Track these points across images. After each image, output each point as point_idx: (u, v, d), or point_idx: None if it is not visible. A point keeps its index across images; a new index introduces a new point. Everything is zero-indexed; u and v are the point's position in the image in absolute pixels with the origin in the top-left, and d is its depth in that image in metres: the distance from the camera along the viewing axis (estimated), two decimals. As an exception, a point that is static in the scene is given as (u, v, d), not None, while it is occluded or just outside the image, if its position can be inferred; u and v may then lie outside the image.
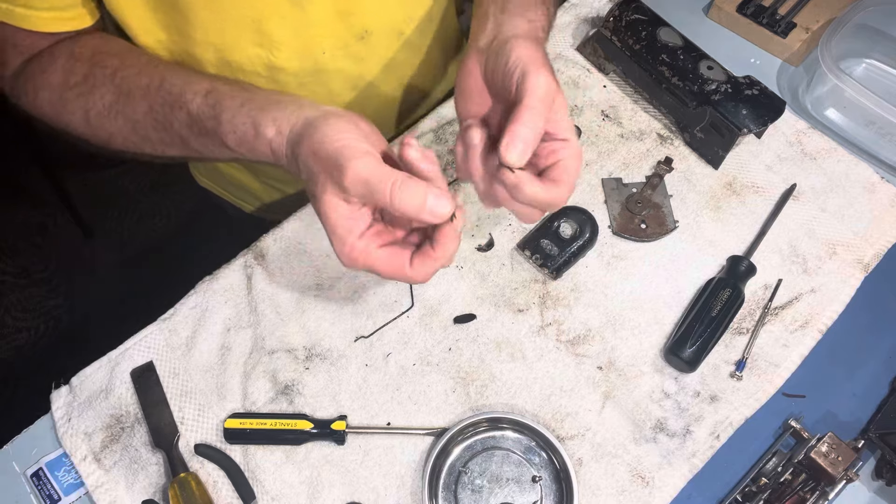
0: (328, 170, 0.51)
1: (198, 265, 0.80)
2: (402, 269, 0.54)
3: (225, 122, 0.58)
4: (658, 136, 0.85)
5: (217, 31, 0.69)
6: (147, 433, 0.70)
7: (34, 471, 0.69)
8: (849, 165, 0.82)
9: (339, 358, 0.73)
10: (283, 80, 0.76)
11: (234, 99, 0.58)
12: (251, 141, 0.57)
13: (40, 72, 0.67)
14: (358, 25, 0.75)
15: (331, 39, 0.74)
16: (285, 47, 0.72)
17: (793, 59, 0.92)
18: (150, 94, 0.63)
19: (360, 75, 0.80)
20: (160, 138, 0.64)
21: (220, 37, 0.70)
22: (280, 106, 0.56)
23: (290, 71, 0.75)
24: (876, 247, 0.78)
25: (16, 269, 1.95)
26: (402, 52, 0.82)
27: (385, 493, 0.67)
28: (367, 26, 0.75)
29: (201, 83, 0.61)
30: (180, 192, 2.03)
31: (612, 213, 0.80)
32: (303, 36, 0.72)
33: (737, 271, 0.74)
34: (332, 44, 0.75)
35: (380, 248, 0.54)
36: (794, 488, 0.66)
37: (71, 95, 0.66)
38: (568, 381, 0.72)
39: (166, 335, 0.75)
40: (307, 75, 0.76)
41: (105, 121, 0.65)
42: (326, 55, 0.75)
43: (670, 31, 0.82)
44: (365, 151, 0.51)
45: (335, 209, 0.52)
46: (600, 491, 0.67)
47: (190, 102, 0.60)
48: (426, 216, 0.50)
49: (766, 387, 0.71)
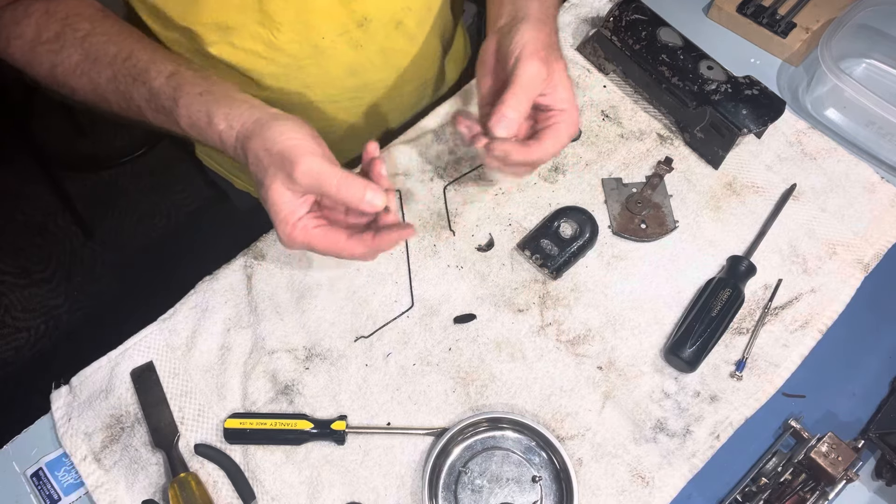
0: (279, 164, 0.60)
1: (198, 265, 0.80)
2: (337, 243, 0.63)
3: (182, 105, 0.64)
4: (658, 136, 0.85)
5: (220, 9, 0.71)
6: (147, 433, 0.70)
7: (34, 471, 0.69)
8: (849, 165, 0.82)
9: (339, 358, 0.73)
10: (283, 61, 0.77)
11: (195, 86, 0.64)
12: (203, 128, 0.64)
13: (14, 22, 0.70)
14: (359, 12, 0.76)
15: (331, 24, 0.76)
16: (286, 28, 0.74)
17: (793, 59, 0.92)
18: (115, 63, 0.67)
19: (359, 62, 0.82)
20: (118, 104, 0.69)
21: (223, 14, 0.71)
22: (234, 103, 0.63)
23: (290, 52, 0.76)
24: (876, 247, 0.78)
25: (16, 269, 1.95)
26: (400, 41, 0.83)
27: (385, 493, 0.67)
28: (368, 13, 0.77)
29: (166, 64, 0.66)
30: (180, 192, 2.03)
31: (612, 213, 0.80)
32: (304, 19, 0.74)
33: (737, 271, 0.74)
34: (333, 29, 0.76)
35: (316, 227, 0.63)
36: (794, 488, 0.66)
37: (42, 50, 0.70)
38: (568, 381, 0.72)
39: (166, 335, 0.75)
40: (306, 58, 0.78)
41: (70, 78, 0.69)
42: (326, 40, 0.77)
43: (670, 31, 0.82)
44: (313, 150, 0.60)
45: (281, 196, 0.61)
46: (600, 491, 0.67)
47: (153, 80, 0.65)
48: (365, 206, 0.61)
49: (766, 387, 0.71)
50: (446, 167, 0.83)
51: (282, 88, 0.80)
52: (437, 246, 0.78)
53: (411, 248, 0.78)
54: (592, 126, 0.85)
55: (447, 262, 0.78)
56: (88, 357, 0.74)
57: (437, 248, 0.78)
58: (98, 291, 1.91)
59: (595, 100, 0.87)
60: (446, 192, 0.81)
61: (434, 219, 0.80)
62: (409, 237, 0.67)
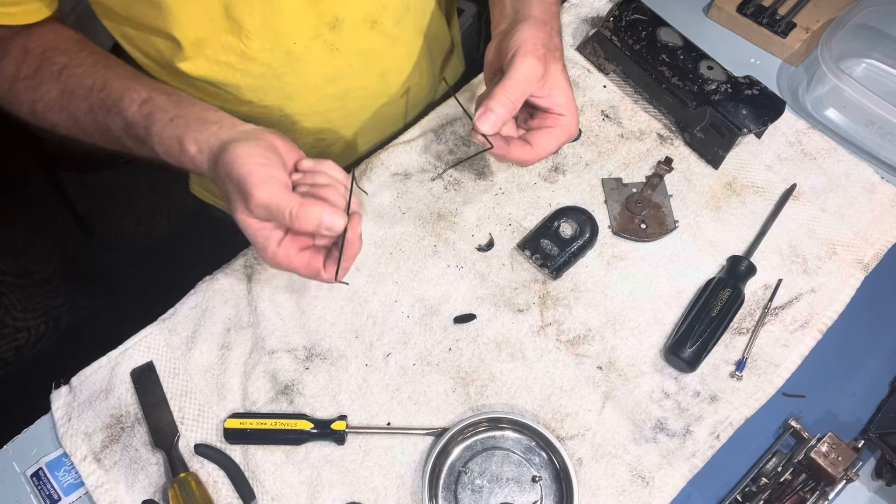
0: (238, 191, 0.59)
1: (198, 265, 0.80)
2: (318, 272, 0.62)
3: (154, 133, 0.63)
4: (658, 136, 0.85)
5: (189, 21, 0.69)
6: (147, 433, 0.70)
7: (34, 471, 0.69)
8: (849, 165, 0.82)
9: (339, 358, 0.73)
10: (257, 71, 0.75)
11: (166, 112, 0.63)
12: (176, 154, 0.63)
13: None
14: (328, 13, 0.74)
15: (302, 28, 0.74)
16: (255, 35, 0.72)
17: (793, 59, 0.92)
18: (91, 95, 0.66)
19: (337, 68, 0.79)
20: (99, 135, 0.69)
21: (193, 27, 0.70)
22: (204, 126, 0.62)
23: (263, 61, 0.74)
24: (876, 247, 0.78)
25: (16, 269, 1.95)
26: (378, 41, 0.80)
27: (385, 493, 0.67)
28: (338, 13, 0.74)
29: (139, 91, 0.65)
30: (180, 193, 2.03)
31: (612, 213, 0.80)
32: (272, 24, 0.72)
33: (737, 271, 0.74)
34: (304, 33, 0.74)
35: (300, 251, 0.62)
36: (794, 488, 0.66)
37: (21, 87, 0.69)
38: (568, 381, 0.72)
39: (166, 335, 0.75)
40: (281, 66, 0.76)
41: (49, 113, 0.69)
42: (298, 45, 0.74)
43: (670, 31, 0.82)
44: (267, 178, 0.58)
45: (250, 224, 0.60)
46: (600, 491, 0.67)
47: (126, 109, 0.65)
48: (324, 231, 0.59)
49: (766, 387, 0.71)
50: (446, 167, 0.83)
51: (262, 101, 0.79)
52: (437, 246, 0.78)
53: (412, 247, 0.78)
54: (592, 126, 0.85)
55: (447, 262, 0.78)
56: (88, 357, 0.74)
57: (437, 248, 0.78)
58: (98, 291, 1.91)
59: (595, 100, 0.87)
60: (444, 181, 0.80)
61: (434, 219, 0.80)
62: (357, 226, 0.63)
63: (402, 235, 0.79)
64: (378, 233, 0.79)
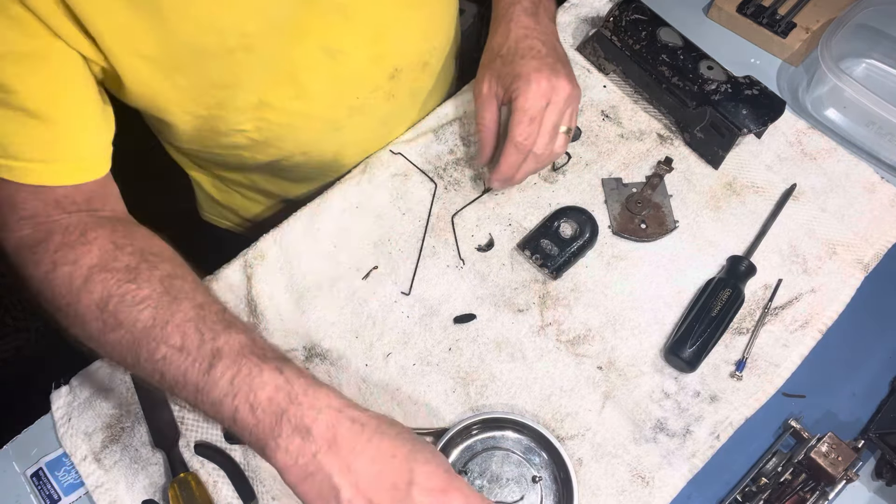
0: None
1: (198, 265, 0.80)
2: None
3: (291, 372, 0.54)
4: (658, 136, 0.85)
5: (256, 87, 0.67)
6: (147, 433, 0.70)
7: (34, 471, 0.69)
8: (849, 165, 0.82)
9: (339, 358, 0.73)
10: (318, 126, 0.76)
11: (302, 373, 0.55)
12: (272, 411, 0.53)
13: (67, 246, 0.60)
14: (389, 66, 0.75)
15: (364, 84, 0.75)
16: (319, 97, 0.72)
17: (793, 59, 0.92)
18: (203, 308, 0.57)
19: (392, 112, 0.81)
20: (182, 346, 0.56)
21: (258, 92, 0.68)
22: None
23: (325, 118, 0.75)
24: (876, 247, 0.78)
25: (16, 269, 1.94)
26: (426, 80, 0.83)
27: (385, 493, 0.67)
28: (397, 64, 0.76)
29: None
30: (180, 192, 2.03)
31: (612, 213, 0.80)
32: (336, 84, 0.72)
33: (737, 271, 0.74)
34: (366, 87, 0.75)
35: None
36: (794, 488, 0.66)
37: (103, 277, 0.58)
38: (568, 381, 0.72)
39: (166, 335, 0.75)
40: (341, 120, 0.76)
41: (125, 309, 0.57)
42: (360, 99, 0.76)
43: (670, 31, 0.82)
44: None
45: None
46: (600, 491, 0.67)
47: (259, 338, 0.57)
48: None
49: (766, 387, 0.71)
50: (446, 167, 0.83)
51: (319, 151, 0.79)
52: (437, 246, 0.78)
53: (412, 248, 0.78)
54: (592, 126, 0.85)
55: (447, 262, 0.78)
56: (88, 357, 0.74)
57: (437, 248, 0.78)
58: (98, 291, 1.91)
59: (595, 100, 0.87)
60: (454, 221, 0.80)
61: (433, 219, 0.80)
62: None
63: (402, 235, 0.79)
64: (378, 233, 0.79)
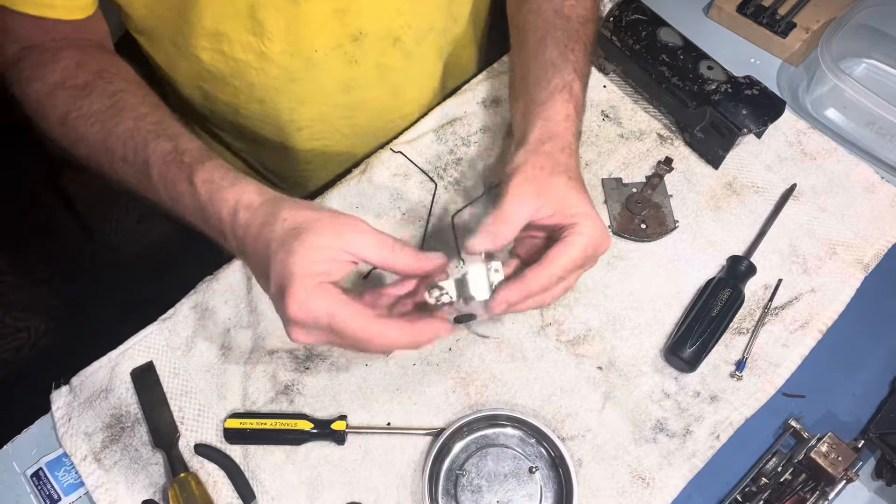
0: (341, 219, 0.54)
1: (198, 265, 0.80)
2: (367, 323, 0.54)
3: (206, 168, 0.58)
4: (658, 136, 0.85)
5: (213, 15, 0.70)
6: (147, 433, 0.70)
7: (34, 471, 0.69)
8: (849, 165, 0.82)
9: (339, 358, 0.73)
10: (274, 72, 0.76)
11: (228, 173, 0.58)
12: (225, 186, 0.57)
13: (40, 65, 0.68)
14: (353, 25, 0.74)
15: (325, 37, 0.74)
16: (277, 39, 0.72)
17: (793, 59, 0.92)
18: (143, 119, 0.63)
19: (353, 78, 0.80)
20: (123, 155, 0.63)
21: (215, 21, 0.70)
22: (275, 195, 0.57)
23: (282, 64, 0.75)
24: (876, 247, 0.78)
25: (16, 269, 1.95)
26: (397, 58, 0.81)
27: (385, 493, 0.67)
28: (362, 27, 0.75)
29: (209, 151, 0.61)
30: (180, 193, 2.02)
31: (612, 213, 0.80)
32: (296, 30, 0.72)
33: (737, 271, 0.74)
34: (326, 42, 0.75)
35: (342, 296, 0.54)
36: (794, 488, 0.66)
37: (62, 95, 0.66)
38: (568, 382, 0.72)
39: (166, 335, 0.75)
40: (298, 71, 0.76)
41: (81, 124, 0.65)
42: (319, 53, 0.75)
43: (670, 31, 0.82)
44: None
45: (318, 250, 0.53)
46: (600, 492, 0.67)
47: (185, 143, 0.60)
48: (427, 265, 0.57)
49: (766, 387, 0.71)
50: (446, 167, 0.83)
51: (273, 102, 0.79)
52: (437, 246, 0.78)
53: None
54: (592, 126, 0.85)
55: (447, 262, 0.78)
56: (88, 357, 0.74)
57: (437, 248, 0.78)
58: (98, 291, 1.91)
59: (595, 100, 0.87)
60: (454, 221, 0.80)
61: (433, 220, 0.80)
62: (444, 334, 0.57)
63: (402, 235, 0.79)
64: (378, 233, 0.79)
